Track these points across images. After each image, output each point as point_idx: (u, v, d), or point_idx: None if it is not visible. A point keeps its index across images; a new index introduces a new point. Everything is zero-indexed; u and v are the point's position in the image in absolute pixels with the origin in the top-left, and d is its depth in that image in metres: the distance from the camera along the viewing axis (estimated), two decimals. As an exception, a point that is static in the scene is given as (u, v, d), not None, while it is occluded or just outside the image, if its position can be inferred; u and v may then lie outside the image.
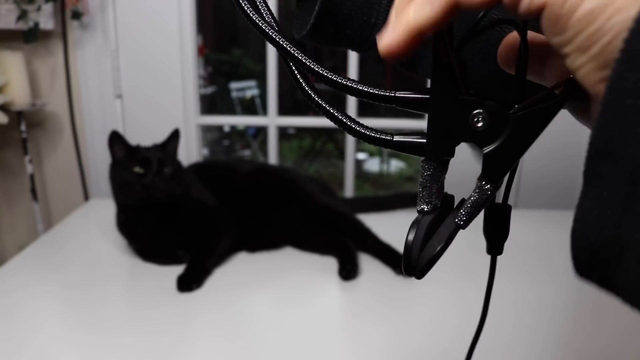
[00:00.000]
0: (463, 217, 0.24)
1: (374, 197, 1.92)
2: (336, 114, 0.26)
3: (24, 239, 1.60)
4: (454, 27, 0.23)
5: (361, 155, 3.73)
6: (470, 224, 0.25)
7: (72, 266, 0.97)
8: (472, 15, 0.26)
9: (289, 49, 0.25)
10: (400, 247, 0.99)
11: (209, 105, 3.73)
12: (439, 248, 0.24)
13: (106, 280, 0.93)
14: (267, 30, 0.26)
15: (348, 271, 0.93)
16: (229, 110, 3.76)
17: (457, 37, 0.24)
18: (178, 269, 0.93)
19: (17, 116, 1.40)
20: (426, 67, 0.30)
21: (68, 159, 1.52)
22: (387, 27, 0.22)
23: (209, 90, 3.75)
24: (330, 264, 0.99)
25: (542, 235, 1.13)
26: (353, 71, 1.47)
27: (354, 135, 0.25)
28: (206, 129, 3.31)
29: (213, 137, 3.80)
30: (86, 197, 1.51)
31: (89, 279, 0.92)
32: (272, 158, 1.55)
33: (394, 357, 0.71)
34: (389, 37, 0.21)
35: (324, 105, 0.26)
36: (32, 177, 1.44)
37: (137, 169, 0.95)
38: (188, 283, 0.88)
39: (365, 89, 0.25)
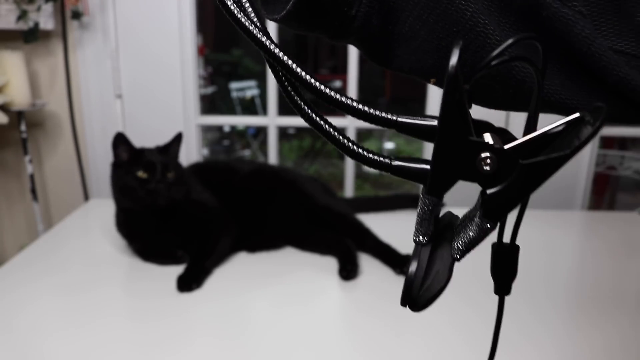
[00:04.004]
0: (459, 252, 0.24)
1: (374, 198, 1.92)
2: (334, 134, 0.25)
3: (24, 239, 1.60)
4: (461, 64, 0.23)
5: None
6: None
7: (72, 266, 0.97)
8: (479, 53, 0.26)
9: (285, 60, 0.25)
10: (400, 247, 0.99)
11: (209, 105, 3.73)
12: (439, 288, 0.24)
13: (106, 280, 0.93)
14: (261, 39, 0.25)
15: (348, 271, 0.93)
16: (229, 110, 3.76)
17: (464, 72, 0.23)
18: (178, 269, 0.93)
19: (17, 116, 1.40)
20: (401, 63, 0.30)
21: (68, 159, 1.52)
22: None
23: (209, 90, 3.75)
24: (330, 264, 0.99)
25: (541, 235, 1.13)
26: (353, 71, 1.47)
27: (352, 158, 0.25)
28: (206, 129, 3.31)
29: (213, 137, 3.80)
30: (86, 197, 1.51)
31: (89, 279, 0.92)
32: (272, 158, 1.55)
33: (394, 357, 0.71)
34: None
35: (321, 124, 0.26)
36: (32, 177, 1.44)
37: (141, 174, 0.95)
38: (188, 283, 0.88)
39: (365, 110, 0.25)
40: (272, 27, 1.35)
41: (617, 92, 0.25)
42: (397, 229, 1.13)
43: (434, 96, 1.46)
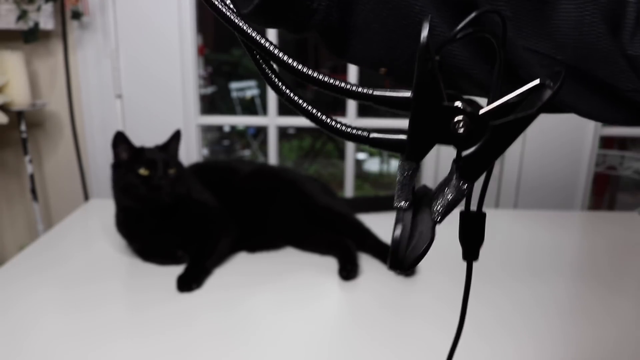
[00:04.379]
0: (439, 214, 0.26)
1: (374, 197, 1.92)
2: (310, 110, 0.26)
3: (24, 239, 1.60)
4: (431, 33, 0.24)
5: (361, 155, 3.73)
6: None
7: (72, 266, 0.97)
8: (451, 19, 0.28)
9: (256, 37, 0.26)
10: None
11: (209, 105, 3.73)
12: (424, 247, 0.25)
13: (106, 280, 0.93)
14: (231, 17, 0.26)
15: (348, 271, 0.93)
16: (229, 110, 3.76)
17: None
18: (178, 269, 0.93)
19: (17, 116, 1.40)
20: (355, 53, 0.31)
21: (68, 159, 1.52)
22: None
23: (209, 90, 3.75)
24: (330, 264, 0.99)
25: (542, 235, 1.13)
26: (353, 71, 1.47)
27: (329, 132, 0.26)
28: (206, 129, 3.31)
29: (213, 137, 3.80)
30: (86, 197, 1.51)
31: (89, 278, 0.92)
32: (272, 158, 1.56)
33: (394, 356, 0.71)
34: None
35: (295, 99, 0.27)
36: (32, 177, 1.44)
37: (143, 171, 0.95)
38: (188, 283, 0.88)
39: (340, 85, 0.26)
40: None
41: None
42: (397, 229, 1.12)
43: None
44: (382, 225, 1.08)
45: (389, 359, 0.71)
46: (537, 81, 0.26)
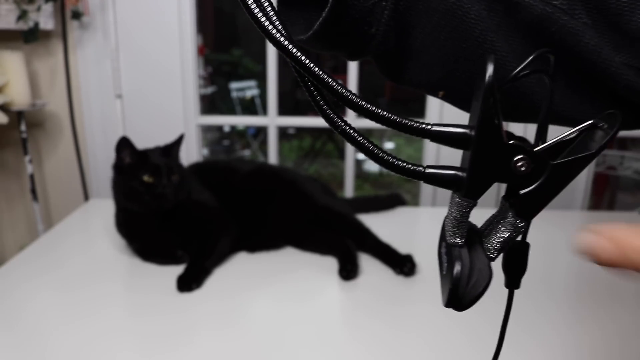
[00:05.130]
0: (494, 252, 0.27)
1: (374, 197, 1.92)
2: (366, 145, 0.26)
3: (24, 239, 1.60)
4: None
5: (361, 155, 3.72)
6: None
7: (72, 266, 0.97)
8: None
9: (310, 66, 0.25)
10: (400, 247, 0.99)
11: (209, 105, 3.73)
12: (484, 284, 0.26)
13: (106, 280, 0.93)
14: (284, 43, 0.25)
15: (348, 271, 0.93)
16: (229, 110, 3.76)
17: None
18: (178, 269, 0.93)
19: (17, 116, 1.40)
20: (412, 77, 0.31)
21: (68, 159, 1.52)
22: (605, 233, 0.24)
23: (209, 90, 3.75)
24: (330, 264, 0.99)
25: (542, 235, 1.13)
26: (353, 72, 1.47)
27: (383, 166, 0.26)
28: (206, 129, 3.31)
29: (213, 137, 3.80)
30: (86, 197, 1.51)
31: (89, 279, 0.92)
32: (272, 158, 1.56)
33: (394, 356, 0.71)
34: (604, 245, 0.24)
35: (350, 133, 0.26)
36: (32, 177, 1.44)
37: (147, 178, 0.94)
38: (188, 283, 0.88)
39: (398, 120, 0.26)
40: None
41: (625, 98, 0.27)
42: (397, 229, 1.13)
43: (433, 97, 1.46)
44: (382, 225, 1.08)
45: (389, 359, 0.71)
46: (590, 121, 0.26)
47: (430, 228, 1.19)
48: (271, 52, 1.47)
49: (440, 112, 1.45)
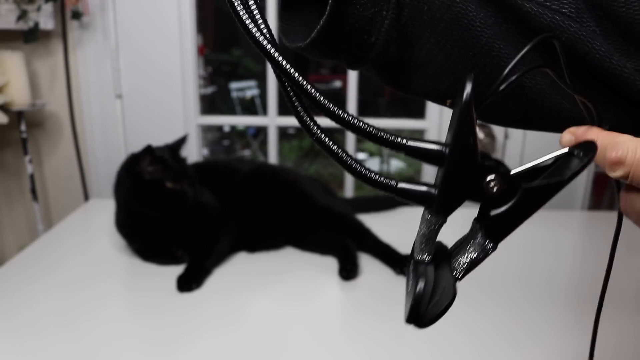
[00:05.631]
0: (461, 272, 0.26)
1: (374, 197, 1.92)
2: (339, 154, 0.26)
3: (24, 239, 1.60)
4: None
5: (361, 155, 3.72)
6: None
7: (72, 266, 0.97)
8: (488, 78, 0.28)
9: (290, 70, 0.25)
10: (400, 247, 0.99)
11: (209, 105, 3.73)
12: (446, 304, 0.26)
13: (106, 280, 0.93)
14: (266, 46, 0.25)
15: (348, 271, 0.93)
16: (229, 110, 3.76)
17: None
18: (178, 269, 0.93)
19: (17, 116, 1.40)
20: (417, 87, 0.31)
21: (68, 159, 1.52)
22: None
23: (209, 90, 3.75)
24: (330, 264, 0.99)
25: (542, 235, 1.13)
26: (353, 72, 1.47)
27: (357, 178, 0.26)
28: (206, 129, 3.31)
29: (213, 137, 3.80)
30: (86, 197, 1.51)
31: (89, 279, 0.92)
32: (272, 158, 1.55)
33: (394, 357, 0.71)
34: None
35: (326, 142, 0.26)
36: (32, 177, 1.44)
37: (170, 184, 0.95)
38: (188, 283, 0.88)
39: (372, 131, 0.25)
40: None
41: (638, 102, 0.27)
42: (397, 229, 1.13)
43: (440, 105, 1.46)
44: (382, 225, 1.08)
45: (389, 359, 0.71)
46: (566, 149, 0.26)
47: (430, 228, 1.19)
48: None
49: (440, 113, 1.45)
